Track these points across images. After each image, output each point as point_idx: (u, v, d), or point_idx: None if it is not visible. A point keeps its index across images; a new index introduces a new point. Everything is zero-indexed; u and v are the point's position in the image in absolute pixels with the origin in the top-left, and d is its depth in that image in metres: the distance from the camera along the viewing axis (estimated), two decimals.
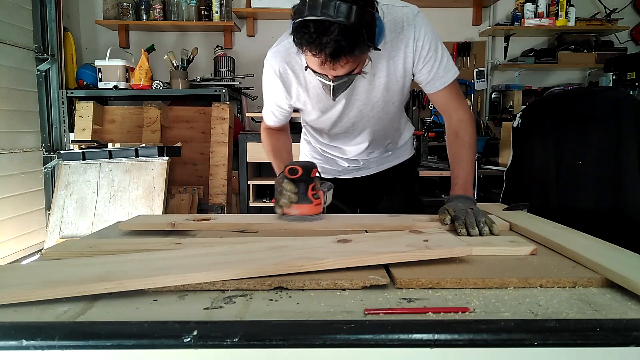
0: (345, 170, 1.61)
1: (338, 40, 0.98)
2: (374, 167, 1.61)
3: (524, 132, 1.93)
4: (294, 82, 1.31)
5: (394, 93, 1.34)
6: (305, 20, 0.99)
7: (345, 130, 1.44)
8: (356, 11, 0.97)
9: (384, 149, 1.56)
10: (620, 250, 0.89)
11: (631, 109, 1.67)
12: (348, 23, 0.97)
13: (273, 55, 1.30)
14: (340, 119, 1.40)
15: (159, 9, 3.39)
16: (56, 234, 2.74)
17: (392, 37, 1.22)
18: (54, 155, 3.18)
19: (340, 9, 0.96)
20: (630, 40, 3.75)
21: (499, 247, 0.93)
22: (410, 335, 0.57)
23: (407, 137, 1.65)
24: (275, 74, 1.30)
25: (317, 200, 1.23)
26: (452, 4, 3.64)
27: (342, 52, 1.01)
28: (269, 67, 1.31)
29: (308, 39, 0.99)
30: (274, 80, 1.32)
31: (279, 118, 1.45)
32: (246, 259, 0.81)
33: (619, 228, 1.61)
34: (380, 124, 1.43)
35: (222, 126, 3.09)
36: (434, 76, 1.29)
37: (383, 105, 1.36)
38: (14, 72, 2.93)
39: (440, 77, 1.29)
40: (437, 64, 1.27)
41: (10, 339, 0.56)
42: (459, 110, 1.35)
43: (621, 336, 0.57)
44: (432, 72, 1.28)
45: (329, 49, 1.00)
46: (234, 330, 0.57)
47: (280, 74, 1.30)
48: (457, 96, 1.36)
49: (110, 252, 0.92)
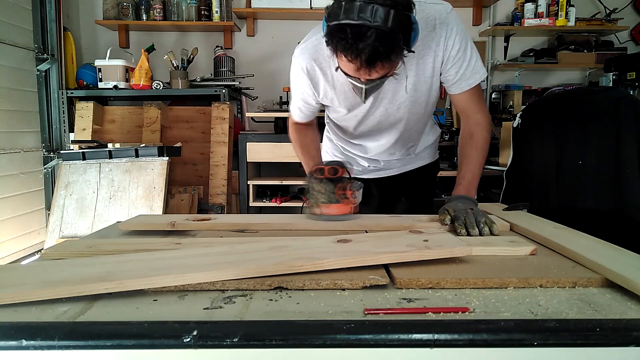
0: (365, 170, 1.59)
1: (375, 46, 0.96)
2: (395, 168, 1.59)
3: (524, 132, 1.93)
4: (321, 79, 1.30)
5: (422, 93, 1.31)
6: (342, 25, 0.96)
7: (370, 129, 1.43)
8: (394, 15, 0.94)
9: (406, 151, 1.54)
10: (620, 250, 0.89)
11: (631, 109, 1.67)
12: (385, 28, 0.94)
13: (301, 52, 1.29)
14: (366, 117, 1.38)
15: (159, 9, 3.38)
16: (56, 234, 2.74)
17: (423, 36, 1.18)
18: (54, 155, 3.18)
19: (377, 13, 0.93)
20: (630, 40, 3.75)
21: (499, 247, 0.93)
22: (410, 335, 0.57)
23: (431, 140, 1.61)
24: (303, 70, 1.29)
25: (346, 200, 1.22)
26: (452, 4, 3.63)
27: (378, 58, 0.99)
28: (297, 63, 1.30)
29: (344, 44, 0.97)
30: (301, 77, 1.31)
31: (306, 114, 1.45)
32: (246, 259, 0.81)
33: (619, 228, 1.61)
34: (406, 124, 1.40)
35: (222, 126, 3.09)
36: (461, 77, 1.26)
37: (410, 106, 1.33)
38: (14, 72, 2.93)
39: (467, 78, 1.27)
40: (465, 64, 1.24)
41: (10, 339, 0.56)
42: (478, 114, 1.33)
43: (621, 336, 0.57)
44: (460, 73, 1.25)
45: (365, 55, 0.97)
46: (234, 330, 0.57)
47: (308, 71, 1.29)
48: (479, 99, 1.34)
49: (110, 252, 0.92)
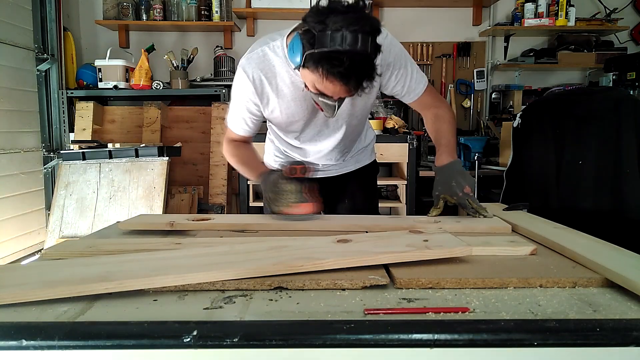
0: None
1: (364, 70, 1.04)
2: (334, 169, 1.63)
3: (524, 132, 1.93)
4: (266, 88, 1.32)
5: (359, 107, 1.39)
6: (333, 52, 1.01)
7: (311, 137, 1.48)
8: (371, 41, 1.03)
9: (341, 157, 1.60)
10: (620, 250, 0.89)
11: (631, 109, 1.67)
12: (368, 53, 1.02)
13: (247, 61, 1.31)
14: (307, 126, 1.43)
15: (159, 9, 3.38)
16: (56, 234, 2.75)
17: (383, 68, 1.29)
18: (54, 155, 3.18)
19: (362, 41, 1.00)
20: (630, 40, 3.75)
21: (499, 247, 0.93)
22: (410, 335, 0.57)
23: (367, 143, 1.68)
24: (249, 79, 1.31)
25: (315, 199, 1.24)
26: (452, 4, 3.64)
27: (364, 80, 1.07)
28: (243, 73, 1.31)
29: (340, 70, 1.03)
30: (247, 86, 1.32)
31: (250, 127, 1.44)
32: (246, 259, 0.81)
33: (619, 228, 1.61)
34: (344, 134, 1.47)
35: (222, 126, 3.09)
36: (408, 89, 1.38)
37: (347, 118, 1.41)
38: (14, 72, 2.93)
39: (414, 89, 1.38)
40: (408, 78, 1.35)
41: (10, 339, 0.56)
42: (437, 108, 1.45)
43: (621, 336, 0.57)
44: (406, 87, 1.37)
45: (355, 80, 1.05)
46: (234, 330, 0.57)
47: (254, 79, 1.30)
48: (433, 96, 1.45)
49: (110, 252, 0.92)
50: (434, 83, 3.75)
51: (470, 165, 3.13)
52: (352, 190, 1.66)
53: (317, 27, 1.02)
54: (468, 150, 3.16)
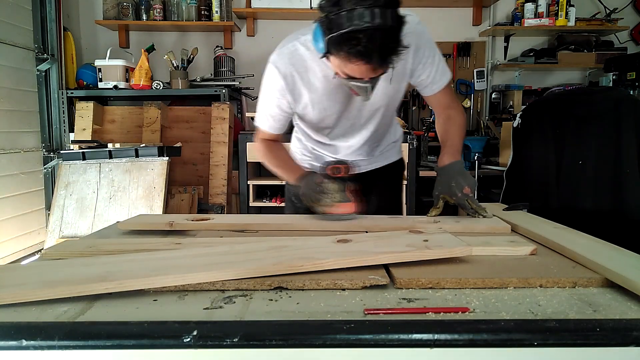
0: None
1: (386, 44, 1.02)
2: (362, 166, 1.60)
3: (524, 132, 1.93)
4: (298, 85, 1.32)
5: (391, 95, 1.38)
6: (349, 32, 1.00)
7: (343, 132, 1.47)
8: (391, 13, 1.01)
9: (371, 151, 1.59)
10: (620, 250, 0.89)
11: (631, 109, 1.67)
12: (388, 26, 1.00)
13: (279, 57, 1.30)
14: (340, 120, 1.41)
15: (159, 9, 3.38)
16: (56, 234, 2.75)
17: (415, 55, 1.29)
18: (54, 155, 3.18)
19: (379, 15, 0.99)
20: (630, 40, 3.75)
21: (499, 247, 0.93)
22: (410, 335, 0.57)
23: (396, 137, 1.67)
24: (281, 75, 1.30)
25: (357, 199, 1.24)
26: (452, 4, 3.64)
27: (390, 54, 1.05)
28: (274, 69, 1.31)
29: (359, 50, 1.01)
30: (279, 82, 1.31)
31: (280, 123, 1.43)
32: (246, 259, 0.81)
33: (619, 228, 1.61)
34: (377, 125, 1.46)
35: (222, 126, 3.09)
36: (432, 80, 1.37)
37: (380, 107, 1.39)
38: (14, 72, 2.92)
39: (437, 81, 1.38)
40: (434, 68, 1.35)
41: (10, 339, 0.56)
42: (451, 109, 1.45)
43: (621, 336, 0.57)
44: (431, 77, 1.36)
45: (378, 55, 1.03)
46: (234, 330, 0.57)
47: (286, 75, 1.30)
48: (452, 96, 1.45)
49: (110, 252, 0.92)
50: None
51: (470, 165, 3.14)
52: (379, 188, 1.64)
53: (332, 11, 1.01)
54: (468, 150, 3.16)
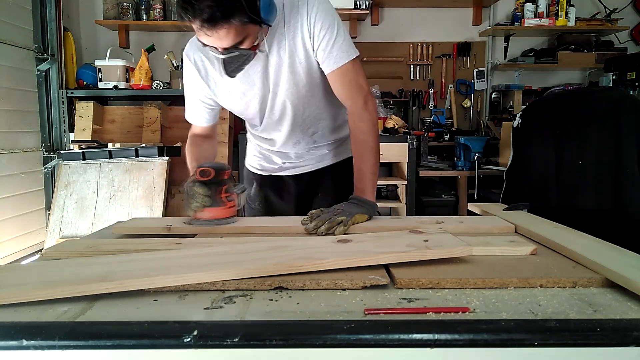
0: (281, 167, 1.57)
1: (211, 5, 0.99)
2: (311, 164, 1.56)
3: (524, 132, 1.94)
4: (210, 72, 1.30)
5: (300, 76, 1.29)
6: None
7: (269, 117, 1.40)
8: None
9: (310, 138, 1.49)
10: (620, 250, 0.89)
11: (631, 109, 1.67)
12: None
13: (189, 45, 1.30)
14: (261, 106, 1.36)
15: (159, 9, 3.38)
16: (56, 234, 2.75)
17: (290, 17, 1.23)
18: (54, 155, 3.18)
19: None
20: (630, 40, 3.75)
21: (499, 247, 0.93)
22: (410, 335, 0.57)
23: (344, 134, 1.56)
24: (192, 62, 1.29)
25: (231, 203, 1.19)
26: (452, 4, 3.64)
27: (216, 19, 1.01)
28: (185, 57, 1.30)
29: (183, 4, 1.00)
30: (192, 71, 1.30)
31: (198, 115, 1.40)
32: (246, 259, 0.81)
33: (619, 228, 1.61)
34: (294, 109, 1.37)
35: (222, 126, 3.09)
36: (328, 55, 1.24)
37: (290, 87, 1.31)
38: (14, 72, 2.92)
39: (334, 56, 1.24)
40: (331, 42, 1.23)
41: (10, 339, 0.56)
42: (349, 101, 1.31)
43: (621, 336, 0.57)
44: (327, 51, 1.24)
45: (204, 14, 1.00)
46: (234, 330, 0.57)
47: (196, 62, 1.29)
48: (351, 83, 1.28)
49: (110, 252, 0.92)
50: (434, 83, 3.76)
51: (470, 165, 3.14)
52: (326, 186, 1.57)
53: None
54: (468, 150, 3.16)
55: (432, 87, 3.76)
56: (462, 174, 3.19)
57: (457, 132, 3.55)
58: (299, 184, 1.58)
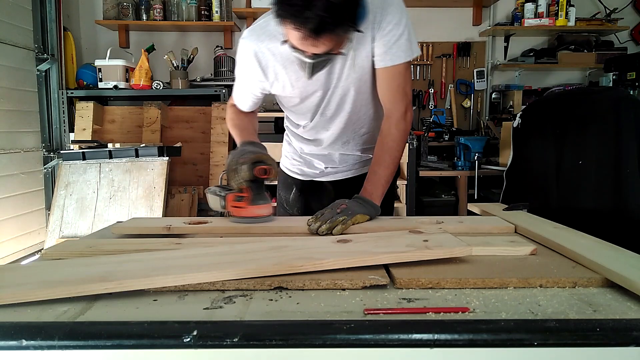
0: (323, 172, 1.55)
1: (322, 16, 0.93)
2: (353, 170, 1.54)
3: (524, 132, 1.93)
4: (270, 60, 1.25)
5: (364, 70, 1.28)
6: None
7: (322, 114, 1.39)
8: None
9: (360, 138, 1.47)
10: (620, 250, 0.89)
11: (631, 109, 1.67)
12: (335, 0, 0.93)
13: (249, 33, 1.25)
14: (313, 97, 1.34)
15: (159, 9, 3.39)
16: (56, 234, 2.75)
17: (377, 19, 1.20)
18: (54, 155, 3.18)
19: None
20: (630, 40, 3.75)
21: (499, 247, 0.93)
22: (410, 335, 0.57)
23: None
24: (251, 53, 1.25)
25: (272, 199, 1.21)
26: (452, 4, 3.64)
27: (324, 30, 0.96)
28: (245, 46, 1.25)
29: (292, 11, 0.95)
30: (250, 60, 1.26)
31: (246, 102, 1.39)
32: (246, 259, 0.81)
33: (619, 228, 1.61)
34: (355, 104, 1.35)
35: (222, 126, 3.09)
36: (387, 50, 1.22)
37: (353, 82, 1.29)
38: (14, 72, 2.93)
39: (393, 53, 1.22)
40: (394, 39, 1.21)
41: (10, 339, 0.56)
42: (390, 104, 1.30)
43: (621, 336, 0.57)
44: (387, 46, 1.22)
45: (311, 24, 0.95)
46: (234, 330, 0.57)
47: (256, 53, 1.25)
48: (399, 86, 1.27)
49: (110, 252, 0.92)
50: (433, 83, 3.76)
51: (470, 165, 3.14)
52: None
53: None
54: (468, 150, 3.16)
55: (432, 87, 3.76)
56: (462, 174, 3.19)
57: (457, 132, 3.55)
58: (339, 190, 1.54)
